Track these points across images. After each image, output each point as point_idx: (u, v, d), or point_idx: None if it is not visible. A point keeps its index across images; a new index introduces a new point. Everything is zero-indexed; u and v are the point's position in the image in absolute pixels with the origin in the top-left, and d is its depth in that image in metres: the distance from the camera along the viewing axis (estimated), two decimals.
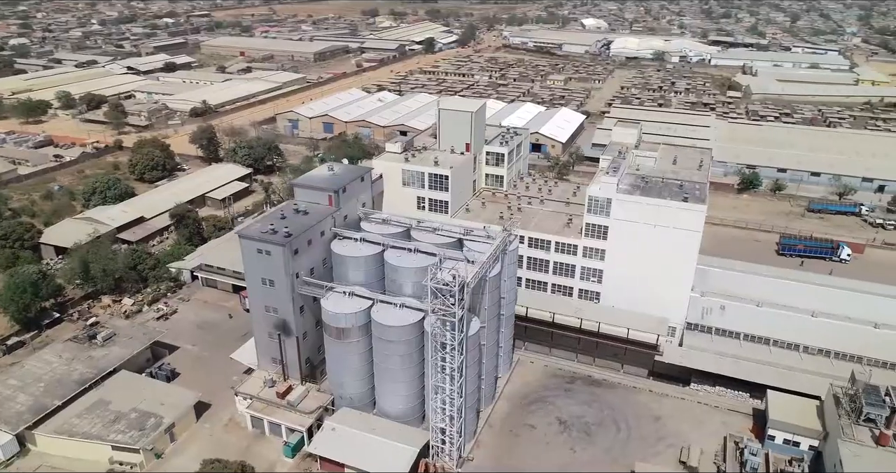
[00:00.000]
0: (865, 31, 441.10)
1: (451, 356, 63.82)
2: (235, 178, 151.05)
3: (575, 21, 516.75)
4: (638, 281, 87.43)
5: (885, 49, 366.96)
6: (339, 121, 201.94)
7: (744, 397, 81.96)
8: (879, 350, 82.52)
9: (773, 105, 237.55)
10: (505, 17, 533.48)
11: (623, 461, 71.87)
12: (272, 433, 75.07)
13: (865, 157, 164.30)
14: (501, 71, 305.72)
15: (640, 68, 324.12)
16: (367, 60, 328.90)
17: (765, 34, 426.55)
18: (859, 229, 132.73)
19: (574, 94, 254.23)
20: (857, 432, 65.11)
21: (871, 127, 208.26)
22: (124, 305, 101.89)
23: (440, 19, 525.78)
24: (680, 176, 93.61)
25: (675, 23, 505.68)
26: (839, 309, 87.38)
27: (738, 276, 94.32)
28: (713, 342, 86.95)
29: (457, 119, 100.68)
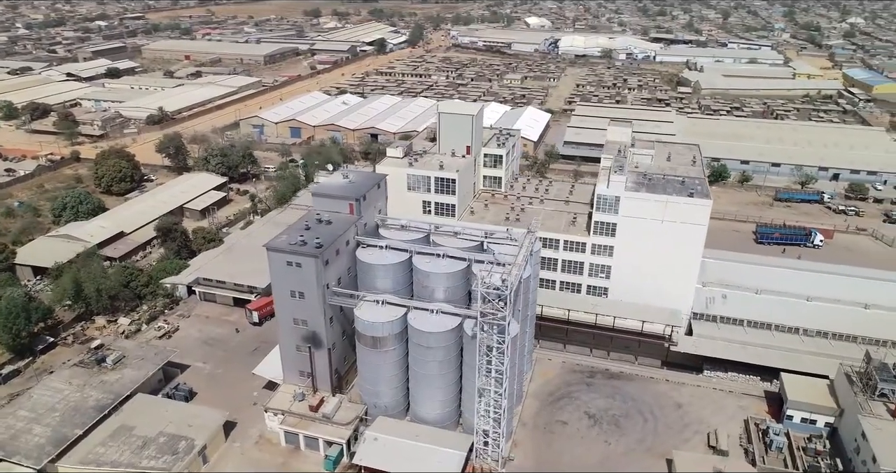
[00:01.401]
0: (791, 26, 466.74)
1: (499, 359, 64.64)
2: (212, 188, 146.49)
3: (519, 20, 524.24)
4: (646, 276, 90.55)
5: (812, 44, 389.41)
6: (307, 125, 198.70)
7: (755, 381, 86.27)
8: (870, 329, 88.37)
9: (722, 99, 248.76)
10: (450, 17, 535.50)
11: (657, 450, 74.55)
12: (308, 447, 73.89)
13: (818, 148, 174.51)
14: (458, 71, 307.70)
15: (590, 66, 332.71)
16: (320, 62, 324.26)
17: (701, 31, 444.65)
18: (824, 216, 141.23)
19: (534, 93, 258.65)
20: (873, 407, 69.82)
21: (815, 118, 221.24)
22: (121, 325, 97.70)
23: (384, 19, 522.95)
24: (678, 172, 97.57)
25: (614, 20, 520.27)
26: (831, 293, 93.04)
27: (734, 266, 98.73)
28: (719, 330, 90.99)
29: (457, 122, 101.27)
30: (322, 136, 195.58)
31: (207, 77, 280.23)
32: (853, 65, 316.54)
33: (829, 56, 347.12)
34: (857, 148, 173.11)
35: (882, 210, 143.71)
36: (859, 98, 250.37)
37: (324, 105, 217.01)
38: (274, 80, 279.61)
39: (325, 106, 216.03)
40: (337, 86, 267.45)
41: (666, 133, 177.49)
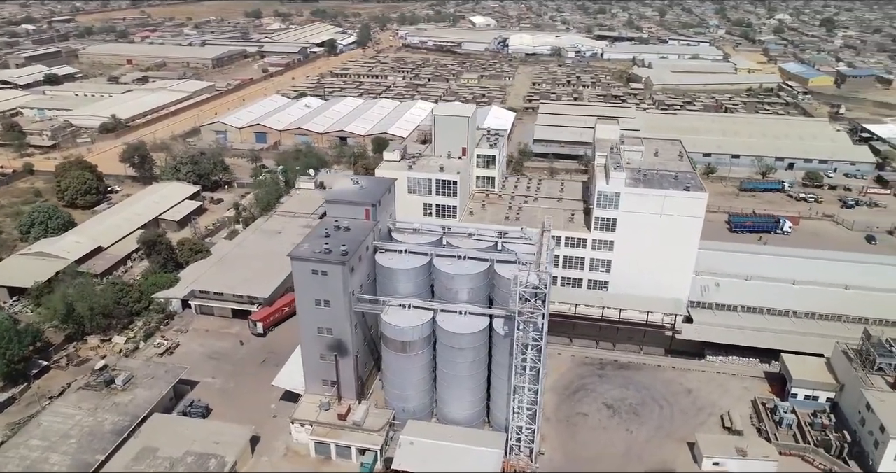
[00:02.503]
0: (725, 23, 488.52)
1: (535, 357, 66.03)
2: (186, 197, 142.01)
3: (464, 19, 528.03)
4: (645, 268, 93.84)
5: (746, 39, 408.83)
6: (273, 129, 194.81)
7: (754, 362, 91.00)
8: (851, 308, 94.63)
9: (673, 94, 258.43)
10: (395, 16, 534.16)
11: (676, 434, 77.80)
12: (339, 456, 73.36)
13: (770, 139, 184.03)
14: (413, 71, 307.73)
15: (541, 64, 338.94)
16: (272, 65, 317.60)
17: (641, 28, 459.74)
18: (787, 203, 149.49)
19: (493, 92, 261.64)
20: (873, 380, 75.03)
21: (762, 111, 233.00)
22: (116, 344, 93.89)
23: (328, 19, 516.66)
24: (667, 167, 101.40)
25: (557, 19, 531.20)
26: (813, 276, 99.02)
27: (723, 255, 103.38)
28: (716, 316, 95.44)
29: (453, 124, 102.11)
30: (289, 141, 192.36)
31: (156, 82, 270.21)
32: (787, 59, 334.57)
33: (764, 51, 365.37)
34: (806, 138, 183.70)
35: (837, 196, 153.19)
36: (797, 91, 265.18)
37: (286, 108, 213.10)
38: (227, 84, 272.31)
39: (288, 109, 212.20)
40: (294, 88, 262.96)
41: (630, 128, 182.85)
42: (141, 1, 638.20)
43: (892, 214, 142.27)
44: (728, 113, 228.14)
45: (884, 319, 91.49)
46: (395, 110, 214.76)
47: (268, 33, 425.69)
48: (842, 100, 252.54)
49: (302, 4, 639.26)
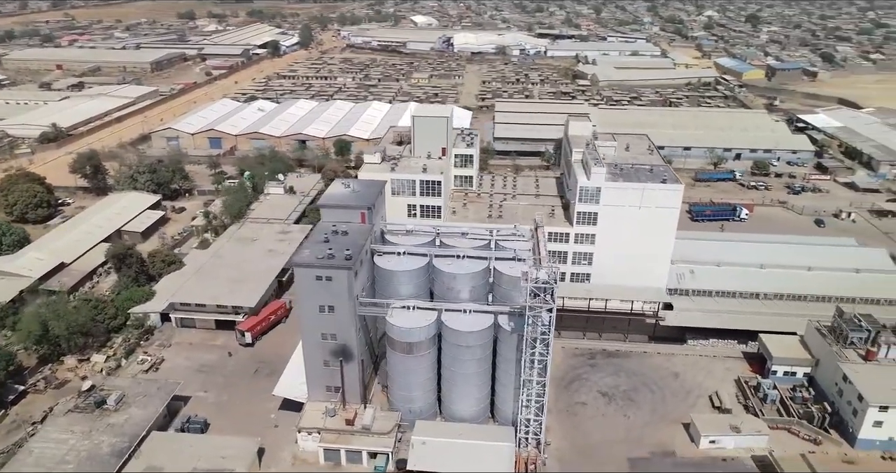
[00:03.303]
0: (658, 20, 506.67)
1: (542, 350, 67.71)
2: (147, 207, 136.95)
3: (405, 19, 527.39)
4: (626, 259, 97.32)
5: (679, 36, 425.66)
6: (228, 134, 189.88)
7: (733, 344, 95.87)
8: (814, 288, 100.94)
9: (619, 90, 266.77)
10: (334, 17, 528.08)
11: (671, 416, 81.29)
12: (350, 461, 73.03)
13: (717, 131, 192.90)
14: (362, 71, 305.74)
15: (487, 62, 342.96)
16: (215, 68, 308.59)
17: (580, 26, 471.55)
18: (739, 192, 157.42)
19: (445, 91, 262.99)
20: (847, 354, 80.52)
21: (704, 104, 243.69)
22: (96, 363, 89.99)
23: (265, 20, 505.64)
24: (639, 160, 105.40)
25: (497, 18, 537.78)
26: (778, 260, 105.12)
27: (695, 243, 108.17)
28: (693, 302, 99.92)
29: (432, 125, 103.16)
30: (245, 146, 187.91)
31: (93, 88, 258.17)
32: (720, 54, 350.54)
33: (697, 47, 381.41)
34: (749, 129, 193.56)
35: (784, 183, 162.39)
36: (733, 84, 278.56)
37: (239, 112, 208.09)
38: (171, 89, 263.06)
39: (241, 113, 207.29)
40: (243, 91, 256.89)
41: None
42: (63, 2, 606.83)
43: (834, 199, 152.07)
44: (673, 107, 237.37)
45: (844, 297, 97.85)
46: (352, 112, 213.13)
47: (206, 35, 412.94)
48: (774, 93, 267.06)
49: (236, 5, 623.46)
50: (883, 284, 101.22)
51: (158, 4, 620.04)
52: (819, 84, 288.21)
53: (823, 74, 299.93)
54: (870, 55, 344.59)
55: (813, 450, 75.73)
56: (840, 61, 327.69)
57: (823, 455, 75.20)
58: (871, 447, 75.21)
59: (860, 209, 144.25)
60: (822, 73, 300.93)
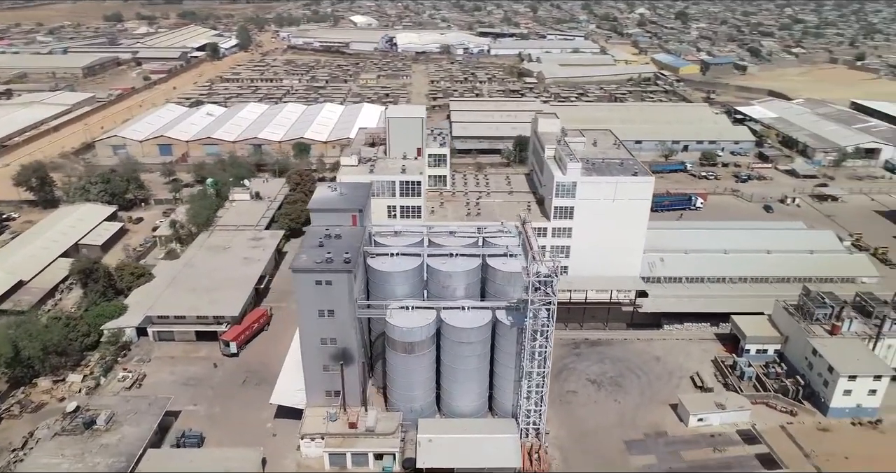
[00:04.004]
0: (593, 18, 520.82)
1: (543, 342, 69.66)
2: (104, 219, 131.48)
3: (344, 19, 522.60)
4: (602, 250, 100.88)
5: (615, 33, 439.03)
6: (178, 140, 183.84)
7: (706, 327, 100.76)
8: (775, 270, 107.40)
9: (565, 87, 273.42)
10: (270, 17, 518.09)
11: (658, 398, 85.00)
12: (355, 464, 72.97)
13: (664, 124, 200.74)
14: (308, 73, 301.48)
15: (433, 62, 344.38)
16: (153, 72, 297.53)
17: (519, 24, 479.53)
18: (691, 182, 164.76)
19: (395, 91, 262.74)
20: (814, 330, 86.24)
21: (647, 99, 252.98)
22: (73, 383, 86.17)
23: (198, 22, 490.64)
24: (607, 155, 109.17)
25: (437, 17, 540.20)
26: (739, 245, 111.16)
27: (662, 233, 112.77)
28: (666, 289, 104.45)
29: (407, 126, 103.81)
30: (197, 152, 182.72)
31: (23, 95, 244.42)
32: (655, 50, 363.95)
33: (633, 43, 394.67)
34: (694, 122, 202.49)
35: (731, 172, 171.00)
36: (671, 79, 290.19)
37: (188, 118, 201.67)
38: (108, 95, 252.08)
39: (190, 119, 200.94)
40: (186, 96, 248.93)
41: None
42: None
43: (778, 185, 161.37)
44: (619, 102, 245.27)
45: (803, 277, 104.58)
46: (305, 114, 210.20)
47: (137, 38, 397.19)
48: (709, 87, 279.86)
49: (166, 6, 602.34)
50: (835, 263, 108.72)
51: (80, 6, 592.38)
52: (749, 77, 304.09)
53: (752, 68, 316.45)
54: (792, 49, 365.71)
55: (790, 421, 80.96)
56: (766, 55, 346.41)
57: (800, 425, 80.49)
58: (841, 415, 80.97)
59: (803, 194, 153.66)
60: (751, 66, 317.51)
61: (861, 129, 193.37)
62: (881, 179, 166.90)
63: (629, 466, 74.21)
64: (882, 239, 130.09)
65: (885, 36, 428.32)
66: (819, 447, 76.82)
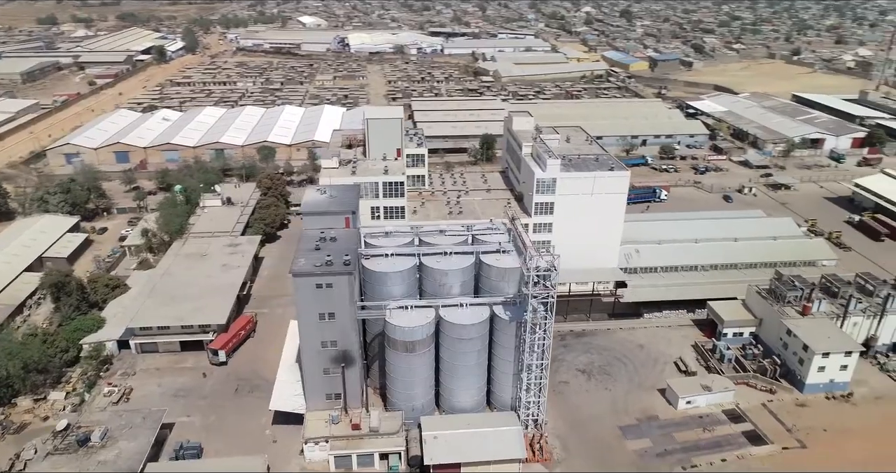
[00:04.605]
0: (541, 17, 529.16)
1: (543, 335, 71.48)
2: (66, 230, 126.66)
3: (291, 19, 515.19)
4: (582, 243, 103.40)
5: (564, 31, 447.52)
6: (136, 147, 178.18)
7: (683, 313, 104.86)
8: (742, 256, 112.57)
9: (522, 85, 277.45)
10: (215, 19, 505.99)
11: (646, 384, 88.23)
12: (361, 465, 73.13)
13: (621, 120, 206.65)
14: (262, 75, 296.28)
15: (387, 62, 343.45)
16: (98, 76, 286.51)
17: (469, 24, 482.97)
18: (653, 175, 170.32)
19: (354, 92, 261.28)
20: (787, 311, 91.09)
21: (602, 95, 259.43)
22: (55, 401, 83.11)
23: (139, 24, 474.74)
24: (581, 151, 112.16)
25: (386, 17, 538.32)
26: (707, 234, 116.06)
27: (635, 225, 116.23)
28: (643, 278, 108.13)
29: (386, 127, 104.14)
30: (156, 158, 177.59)
31: None
32: (604, 48, 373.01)
33: (583, 41, 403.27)
34: (650, 117, 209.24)
35: (689, 165, 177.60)
36: (623, 75, 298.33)
37: (143, 124, 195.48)
38: (53, 101, 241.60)
39: (145, 124, 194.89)
40: (137, 101, 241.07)
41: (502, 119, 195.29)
42: None
43: (734, 176, 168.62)
44: (575, 99, 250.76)
45: (769, 262, 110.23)
46: (265, 117, 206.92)
47: (76, 41, 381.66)
48: (658, 83, 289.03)
49: (102, 8, 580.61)
50: (796, 248, 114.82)
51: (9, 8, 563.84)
52: (695, 73, 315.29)
53: (698, 64, 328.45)
54: (733, 45, 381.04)
55: (771, 399, 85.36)
56: (709, 52, 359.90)
57: (780, 402, 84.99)
58: (816, 390, 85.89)
59: (758, 184, 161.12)
60: (697, 62, 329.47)
61: (804, 121, 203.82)
62: (827, 167, 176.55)
63: (626, 450, 76.87)
64: (834, 224, 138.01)
65: (816, 32, 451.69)
66: (799, 421, 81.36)
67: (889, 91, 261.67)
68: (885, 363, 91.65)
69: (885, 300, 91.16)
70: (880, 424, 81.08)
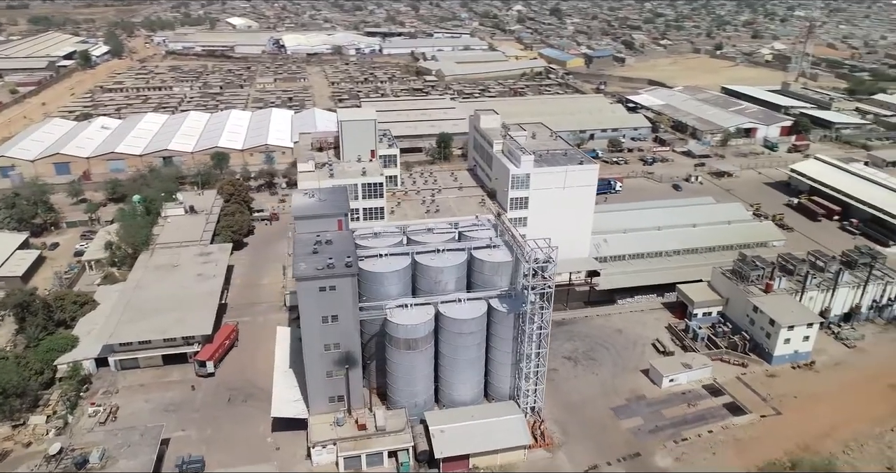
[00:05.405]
0: (474, 16, 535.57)
1: (542, 324, 74.14)
2: (17, 247, 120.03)
3: (219, 21, 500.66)
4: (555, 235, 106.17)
5: (499, 30, 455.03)
6: (77, 157, 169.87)
7: (653, 298, 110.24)
8: (701, 241, 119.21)
9: (465, 83, 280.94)
10: (138, 21, 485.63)
11: (630, 366, 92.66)
12: (370, 464, 73.64)
13: (568, 115, 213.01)
14: (199, 79, 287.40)
15: (326, 63, 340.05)
16: (20, 84, 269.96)
17: (404, 23, 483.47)
18: (604, 168, 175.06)
19: (299, 95, 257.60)
20: (752, 290, 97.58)
21: (545, 92, 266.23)
22: (36, 426, 79.21)
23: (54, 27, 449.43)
24: (548, 147, 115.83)
25: (318, 17, 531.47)
26: (668, 222, 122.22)
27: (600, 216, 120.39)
28: (614, 266, 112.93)
29: (360, 128, 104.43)
30: (100, 169, 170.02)
31: None
32: (540, 46, 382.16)
33: (518, 39, 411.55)
34: (594, 112, 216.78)
35: (637, 157, 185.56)
36: (561, 72, 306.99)
37: (81, 132, 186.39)
38: None
39: (84, 133, 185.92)
40: (69, 109, 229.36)
41: (457, 118, 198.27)
42: None
43: (680, 166, 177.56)
44: (520, 96, 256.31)
45: (726, 245, 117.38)
46: (211, 122, 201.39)
47: None
48: (594, 78, 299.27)
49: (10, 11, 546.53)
50: (749, 231, 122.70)
51: None
52: (628, 68, 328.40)
53: (630, 60, 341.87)
54: (660, 41, 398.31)
55: (744, 372, 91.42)
56: (639, 48, 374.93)
57: (752, 375, 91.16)
58: (783, 361, 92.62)
59: (703, 172, 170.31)
60: (629, 58, 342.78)
61: (736, 112, 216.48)
62: (762, 155, 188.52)
63: (621, 429, 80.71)
64: (776, 207, 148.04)
65: (734, 27, 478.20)
66: (771, 390, 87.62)
67: (807, 82, 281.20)
68: (839, 332, 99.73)
69: (837, 275, 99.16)
70: (842, 387, 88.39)
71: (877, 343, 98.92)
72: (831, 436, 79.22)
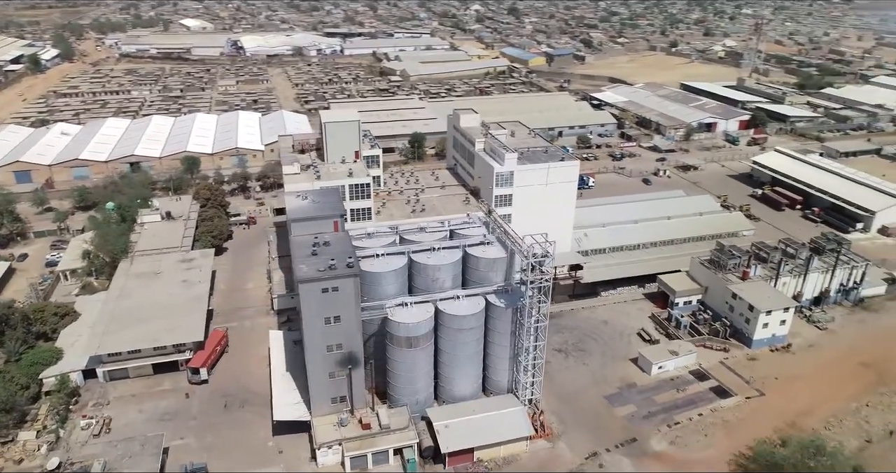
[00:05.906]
0: (433, 15, 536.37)
1: (540, 318, 75.96)
2: None
3: (173, 23, 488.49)
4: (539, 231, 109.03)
5: (459, 29, 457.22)
6: (39, 165, 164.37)
7: (634, 289, 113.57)
8: (676, 232, 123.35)
9: (430, 83, 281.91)
10: (86, 23, 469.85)
11: (618, 355, 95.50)
12: (376, 463, 74.20)
13: (536, 113, 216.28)
14: (157, 82, 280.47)
15: (288, 64, 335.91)
16: None
17: (363, 23, 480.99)
18: None
19: (264, 97, 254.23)
20: (730, 278, 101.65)
21: (511, 91, 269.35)
22: (26, 442, 76.97)
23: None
24: (528, 144, 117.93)
25: (274, 18, 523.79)
26: (643, 215, 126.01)
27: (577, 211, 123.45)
28: (596, 260, 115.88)
29: (344, 129, 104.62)
30: (63, 176, 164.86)
31: None
32: (501, 45, 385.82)
33: (478, 39, 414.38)
34: (561, 110, 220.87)
35: (606, 152, 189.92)
36: (524, 71, 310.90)
37: (40, 139, 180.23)
38: None
39: (43, 140, 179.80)
40: (23, 115, 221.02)
41: (428, 117, 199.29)
42: None
43: (647, 161, 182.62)
44: (486, 95, 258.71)
45: (700, 236, 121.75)
46: (177, 126, 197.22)
47: None
48: (556, 77, 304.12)
49: None
50: (720, 222, 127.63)
51: None
52: (588, 66, 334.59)
53: (589, 58, 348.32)
54: (617, 40, 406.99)
55: (726, 357, 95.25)
56: (597, 46, 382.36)
57: (734, 359, 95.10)
58: (761, 345, 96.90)
59: (669, 166, 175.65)
60: (588, 56, 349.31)
61: (697, 107, 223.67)
62: (724, 148, 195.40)
63: (616, 417, 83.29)
64: (741, 198, 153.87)
65: (686, 25, 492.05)
66: (754, 373, 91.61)
67: (759, 78, 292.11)
68: (811, 315, 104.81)
69: (808, 261, 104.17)
70: (818, 368, 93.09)
71: (845, 324, 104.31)
72: (812, 414, 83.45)
